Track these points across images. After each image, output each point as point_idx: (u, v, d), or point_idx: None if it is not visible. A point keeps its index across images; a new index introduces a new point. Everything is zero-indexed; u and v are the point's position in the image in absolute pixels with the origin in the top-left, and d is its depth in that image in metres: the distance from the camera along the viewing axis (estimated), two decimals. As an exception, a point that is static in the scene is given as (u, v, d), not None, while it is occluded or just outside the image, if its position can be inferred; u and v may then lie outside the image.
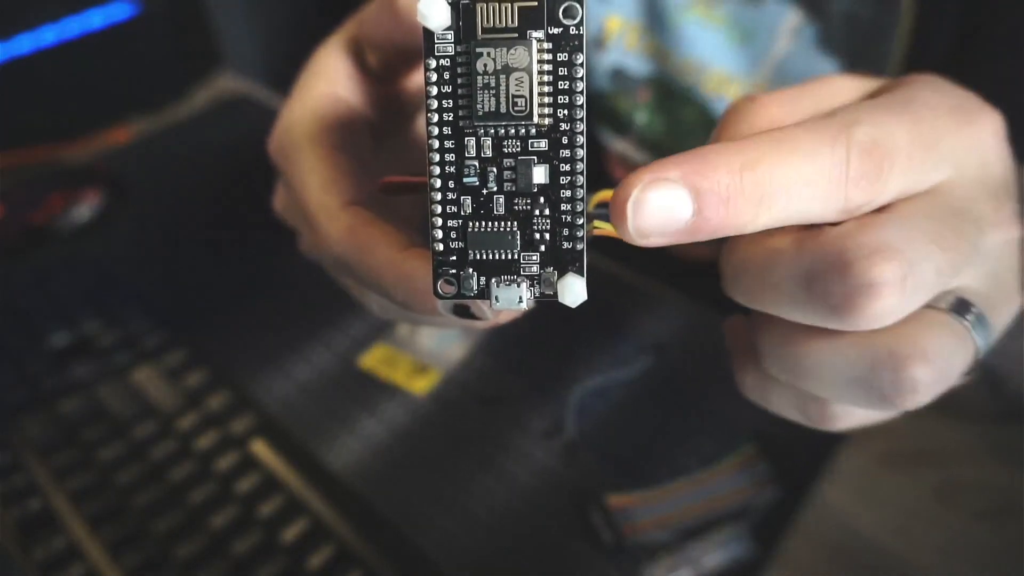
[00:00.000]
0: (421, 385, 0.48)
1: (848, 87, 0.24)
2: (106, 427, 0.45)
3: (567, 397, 0.47)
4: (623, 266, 0.56)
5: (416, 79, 0.30)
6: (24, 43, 0.68)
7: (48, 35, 0.70)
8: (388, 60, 0.28)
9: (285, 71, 0.30)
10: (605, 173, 0.66)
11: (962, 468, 0.42)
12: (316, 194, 0.25)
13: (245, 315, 0.54)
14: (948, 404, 0.25)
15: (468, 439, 0.45)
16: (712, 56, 0.53)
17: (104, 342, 0.51)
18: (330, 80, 0.28)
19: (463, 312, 0.22)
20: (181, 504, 0.41)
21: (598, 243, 0.21)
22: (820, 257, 0.20)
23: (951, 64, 0.45)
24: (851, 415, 0.23)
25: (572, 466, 0.43)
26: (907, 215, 0.20)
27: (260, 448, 0.44)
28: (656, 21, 0.55)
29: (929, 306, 0.21)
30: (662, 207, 0.18)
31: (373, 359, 0.50)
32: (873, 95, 0.23)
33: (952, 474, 0.42)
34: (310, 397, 0.48)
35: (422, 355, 0.50)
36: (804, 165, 0.19)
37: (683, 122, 0.58)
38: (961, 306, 0.21)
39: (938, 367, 0.20)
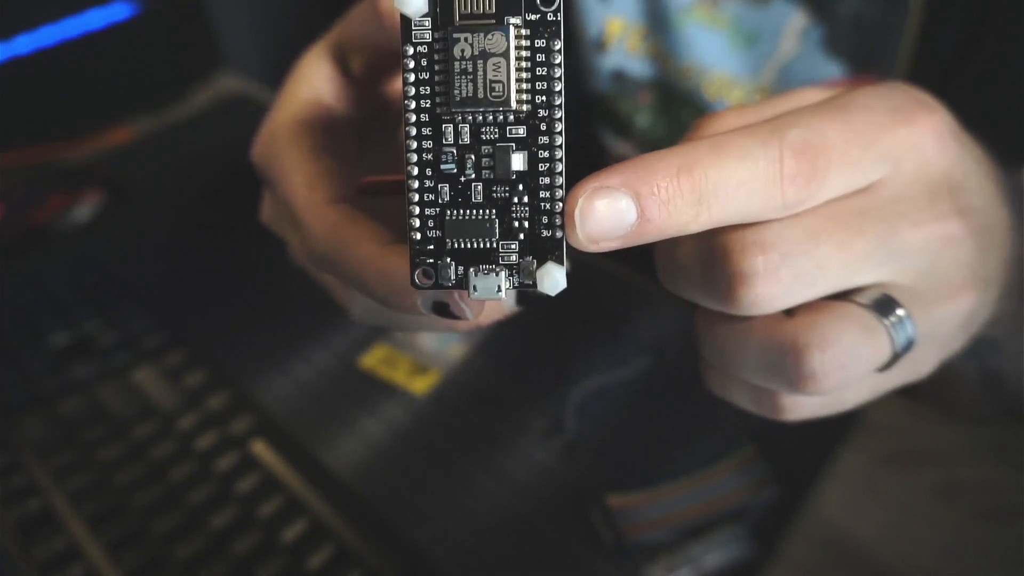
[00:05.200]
0: (421, 385, 0.48)
1: (810, 98, 0.25)
2: (106, 427, 0.45)
3: (567, 397, 0.47)
4: (623, 266, 0.56)
5: (400, 81, 0.31)
6: (24, 43, 0.68)
7: (48, 35, 0.70)
8: (372, 63, 0.29)
9: (285, 71, 0.30)
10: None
11: (962, 468, 0.42)
12: (302, 192, 0.26)
13: (245, 315, 0.54)
14: (947, 404, 0.25)
15: (468, 439, 0.45)
16: (714, 59, 0.53)
17: (104, 342, 0.51)
18: (312, 86, 0.29)
19: (442, 310, 0.21)
20: (181, 504, 0.41)
21: None
22: (711, 247, 0.21)
23: (958, 65, 0.45)
24: (801, 405, 0.24)
25: (572, 466, 0.43)
26: (803, 213, 0.21)
27: (260, 448, 0.44)
28: (658, 24, 0.55)
29: (850, 299, 0.22)
30: (607, 213, 0.19)
31: (373, 359, 0.50)
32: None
33: (952, 474, 0.42)
34: (310, 397, 0.48)
35: (422, 355, 0.50)
36: (738, 166, 0.20)
37: (684, 125, 0.58)
38: (884, 303, 0.22)
39: (837, 357, 0.21)
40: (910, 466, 0.43)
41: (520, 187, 0.19)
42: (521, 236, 0.19)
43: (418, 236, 0.19)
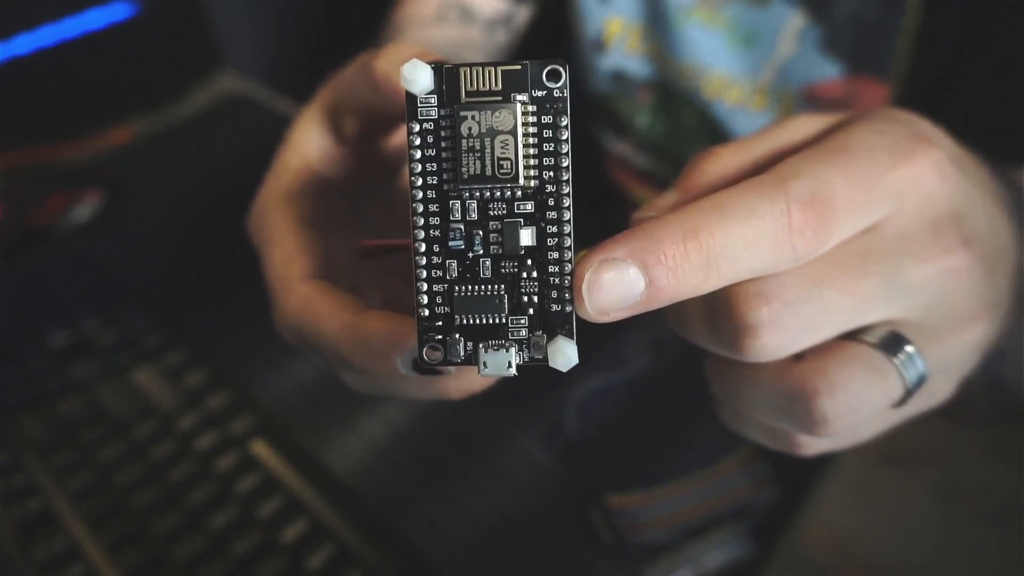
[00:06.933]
0: (421, 385, 0.48)
1: (805, 127, 0.25)
2: (106, 427, 0.45)
3: (567, 397, 0.47)
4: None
5: (397, 137, 0.31)
6: (24, 43, 0.68)
7: (48, 35, 0.70)
8: (366, 125, 0.29)
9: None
10: (606, 175, 0.66)
11: (962, 468, 0.42)
12: (277, 268, 0.26)
13: (245, 315, 0.54)
14: (951, 409, 0.25)
15: (468, 439, 0.45)
16: (713, 59, 0.53)
17: (104, 342, 0.51)
18: (302, 154, 0.29)
19: (427, 371, 0.21)
20: (181, 504, 0.41)
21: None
22: (715, 298, 0.21)
23: (956, 65, 0.45)
24: (817, 442, 0.24)
25: (572, 466, 0.43)
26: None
27: (260, 448, 0.44)
28: (657, 23, 0.55)
29: (858, 339, 0.22)
30: (615, 285, 0.19)
31: (373, 359, 0.49)
32: (821, 135, 0.24)
33: (952, 474, 0.42)
34: (310, 397, 0.48)
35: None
36: (745, 225, 0.20)
37: (683, 125, 0.58)
38: (892, 340, 0.22)
39: (847, 401, 0.21)
40: (910, 466, 0.43)
41: (529, 262, 0.19)
42: (530, 311, 0.19)
43: (426, 312, 0.19)
